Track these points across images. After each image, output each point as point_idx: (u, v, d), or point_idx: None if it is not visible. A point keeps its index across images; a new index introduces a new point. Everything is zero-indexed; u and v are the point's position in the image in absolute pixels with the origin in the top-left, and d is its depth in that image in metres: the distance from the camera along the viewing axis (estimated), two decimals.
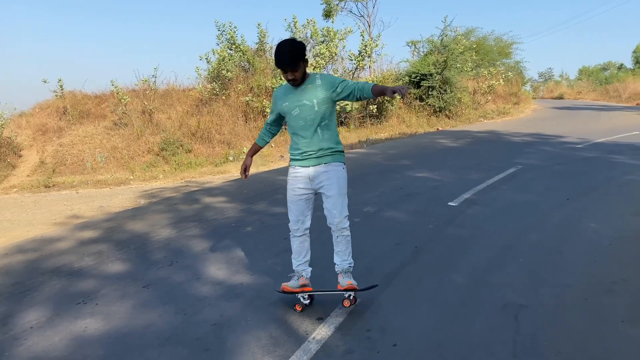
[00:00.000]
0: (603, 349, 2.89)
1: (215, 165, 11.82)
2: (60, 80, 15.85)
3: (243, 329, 3.26)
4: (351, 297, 3.45)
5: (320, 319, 3.35)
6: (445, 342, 3.02)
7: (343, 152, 3.50)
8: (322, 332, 3.17)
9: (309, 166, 3.36)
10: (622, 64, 54.40)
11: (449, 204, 6.32)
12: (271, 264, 4.46)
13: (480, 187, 7.16)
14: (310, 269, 3.61)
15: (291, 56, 3.16)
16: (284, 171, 9.63)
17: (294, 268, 3.57)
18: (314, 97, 3.29)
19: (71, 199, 8.84)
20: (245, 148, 12.85)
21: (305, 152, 3.35)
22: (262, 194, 7.52)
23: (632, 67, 49.23)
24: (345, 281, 3.40)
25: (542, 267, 4.17)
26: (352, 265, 3.50)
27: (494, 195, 6.77)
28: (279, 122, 3.64)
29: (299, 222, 3.47)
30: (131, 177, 11.26)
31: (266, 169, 10.51)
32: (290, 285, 3.52)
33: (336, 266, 3.50)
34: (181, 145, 13.16)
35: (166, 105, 15.69)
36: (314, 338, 3.09)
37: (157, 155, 13.08)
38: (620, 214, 5.64)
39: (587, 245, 4.70)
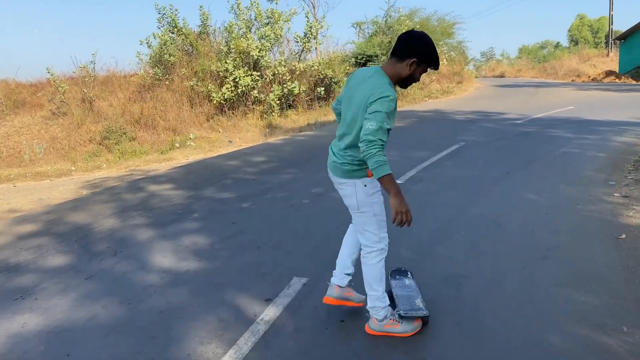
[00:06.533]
0: (537, 311, 3.05)
1: (161, 153, 11.51)
2: None
3: (190, 315, 3.23)
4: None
5: (269, 299, 3.36)
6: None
7: None
8: (270, 312, 3.18)
9: None
10: (558, 42, 56.71)
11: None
12: (218, 249, 4.42)
13: (424, 165, 7.32)
14: None
15: None
16: (232, 156, 9.56)
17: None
18: None
19: (8, 192, 8.42)
20: (192, 134, 12.56)
21: None
22: (209, 180, 7.41)
23: (567, 46, 51.41)
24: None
25: (483, 238, 4.33)
26: None
27: (438, 171, 6.94)
28: None
29: None
30: (73, 167, 10.83)
31: (214, 154, 10.35)
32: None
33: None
34: (124, 133, 12.73)
35: (107, 93, 15.12)
36: (262, 319, 3.10)
37: (100, 144, 12.63)
38: (555, 185, 5.92)
39: (524, 216, 4.91)
